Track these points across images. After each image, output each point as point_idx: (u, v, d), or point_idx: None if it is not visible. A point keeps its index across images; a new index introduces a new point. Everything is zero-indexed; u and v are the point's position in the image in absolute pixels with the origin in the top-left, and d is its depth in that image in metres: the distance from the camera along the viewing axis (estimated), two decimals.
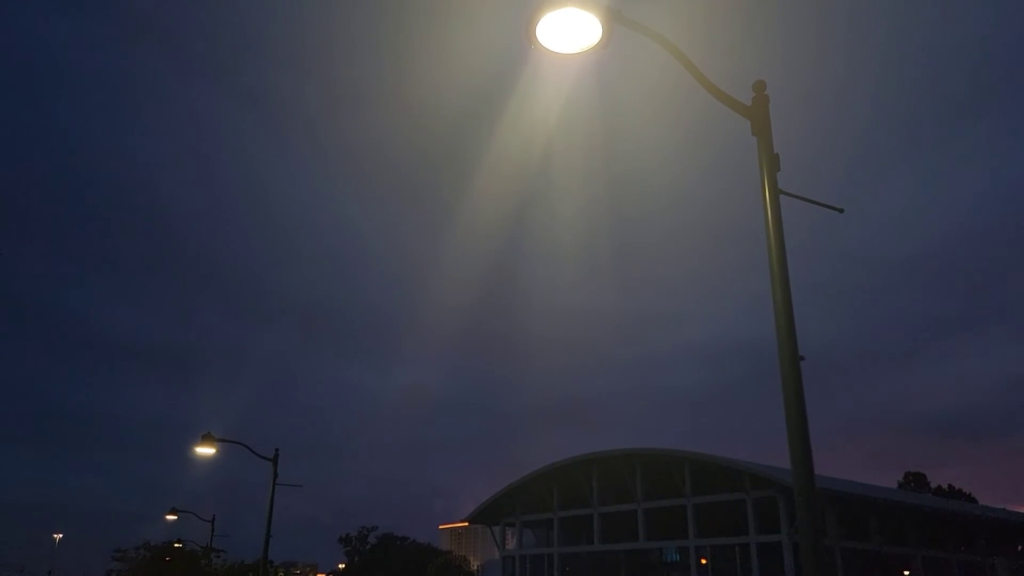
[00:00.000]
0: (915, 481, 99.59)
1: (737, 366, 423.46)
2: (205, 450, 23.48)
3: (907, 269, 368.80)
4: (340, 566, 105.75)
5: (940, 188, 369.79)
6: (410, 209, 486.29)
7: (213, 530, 37.65)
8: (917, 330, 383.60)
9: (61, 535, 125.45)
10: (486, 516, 64.41)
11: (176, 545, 53.48)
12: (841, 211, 7.70)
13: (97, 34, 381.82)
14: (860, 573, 49.94)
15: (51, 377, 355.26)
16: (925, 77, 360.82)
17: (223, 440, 24.10)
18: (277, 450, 26.46)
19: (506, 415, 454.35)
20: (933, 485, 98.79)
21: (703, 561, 49.52)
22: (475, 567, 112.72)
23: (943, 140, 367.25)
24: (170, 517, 35.75)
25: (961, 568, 54.95)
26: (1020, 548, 63.73)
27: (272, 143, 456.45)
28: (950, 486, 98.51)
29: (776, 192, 7.29)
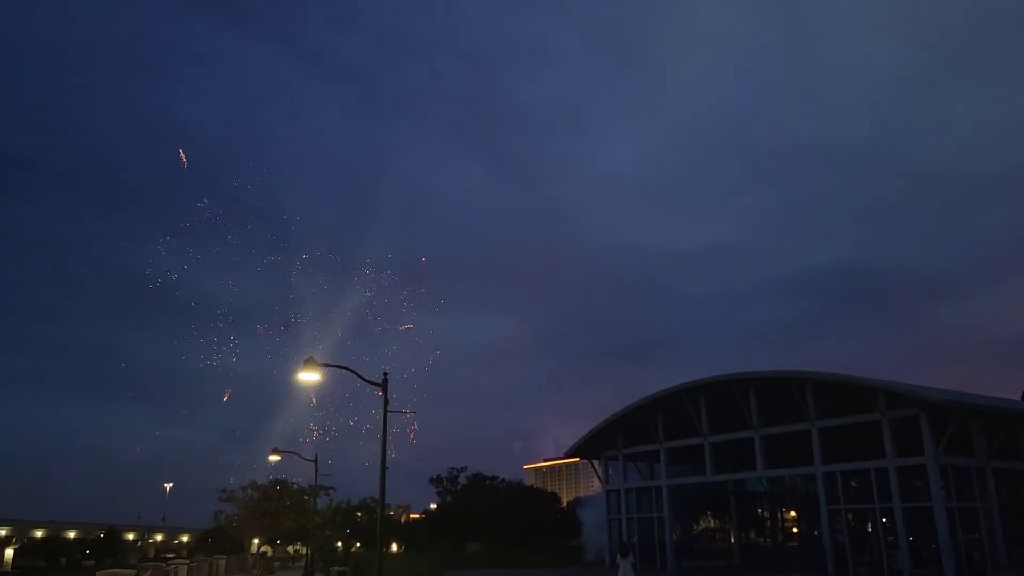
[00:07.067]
0: None
1: (819, 294, 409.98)
2: (309, 375, 20.67)
3: (993, 185, 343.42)
4: (432, 506, 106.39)
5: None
6: (478, 156, 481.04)
7: (317, 469, 35.99)
8: (1003, 250, 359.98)
9: (172, 484, 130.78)
10: (587, 450, 61.74)
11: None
12: None
13: None
14: (1013, 494, 45.21)
15: (143, 339, 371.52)
16: None
17: (327, 365, 21.29)
18: (386, 373, 23.61)
19: (583, 357, 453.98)
20: None
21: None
22: (563, 504, 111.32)
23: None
24: (273, 458, 34.06)
25: None
26: None
27: (334, 101, 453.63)
28: None
29: None
